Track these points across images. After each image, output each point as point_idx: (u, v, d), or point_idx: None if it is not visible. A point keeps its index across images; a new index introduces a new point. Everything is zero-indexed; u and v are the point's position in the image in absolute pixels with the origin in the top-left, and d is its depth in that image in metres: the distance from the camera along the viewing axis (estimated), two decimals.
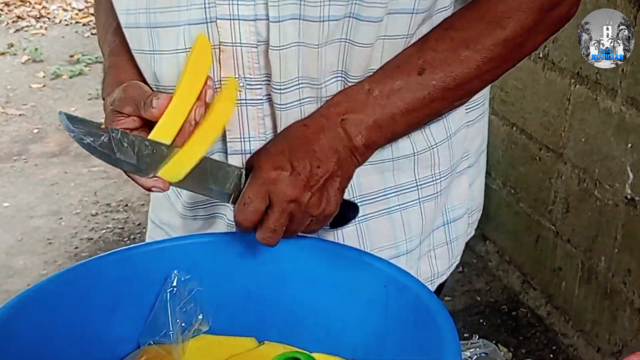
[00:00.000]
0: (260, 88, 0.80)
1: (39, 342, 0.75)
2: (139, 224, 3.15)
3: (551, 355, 2.26)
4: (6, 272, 2.83)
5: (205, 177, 0.77)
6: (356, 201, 0.86)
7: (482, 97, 0.96)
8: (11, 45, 5.52)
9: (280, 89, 0.78)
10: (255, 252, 0.83)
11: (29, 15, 6.27)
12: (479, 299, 2.54)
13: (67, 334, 0.78)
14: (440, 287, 1.01)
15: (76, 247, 2.99)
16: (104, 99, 0.82)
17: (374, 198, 0.89)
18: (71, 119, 0.73)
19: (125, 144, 0.73)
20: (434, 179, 0.90)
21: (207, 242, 0.85)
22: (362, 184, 0.87)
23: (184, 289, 0.82)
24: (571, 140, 2.16)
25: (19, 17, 6.25)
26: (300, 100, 0.79)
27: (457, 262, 1.01)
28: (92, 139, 0.73)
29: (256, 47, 0.77)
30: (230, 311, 0.85)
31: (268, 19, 0.75)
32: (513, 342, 2.32)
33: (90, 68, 5.08)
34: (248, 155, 0.80)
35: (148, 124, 0.76)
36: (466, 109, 0.93)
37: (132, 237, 3.05)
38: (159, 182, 0.75)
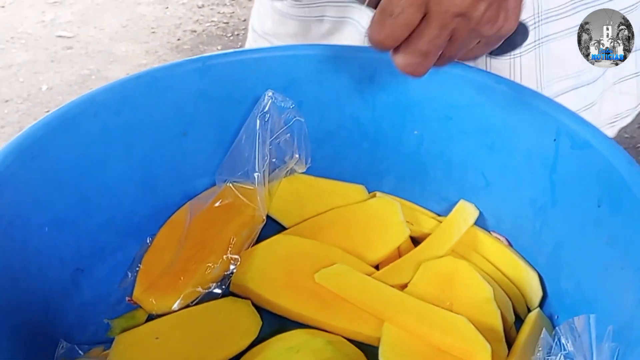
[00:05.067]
0: None
1: (86, 163, 0.58)
2: (244, 20, 2.99)
3: None
4: (107, 58, 2.75)
5: None
6: (541, 18, 0.66)
7: None
8: None
9: None
10: (376, 74, 0.61)
11: None
12: (626, 136, 2.24)
13: (123, 159, 0.60)
14: None
15: (179, 39, 2.87)
16: None
17: (561, 13, 0.67)
18: None
19: None
20: None
21: (315, 55, 0.62)
22: None
23: (278, 115, 0.62)
24: None
25: None
26: None
27: None
28: None
29: None
30: (335, 149, 0.65)
31: None
32: None
33: None
34: None
35: None
36: None
37: (235, 32, 2.89)
38: None
